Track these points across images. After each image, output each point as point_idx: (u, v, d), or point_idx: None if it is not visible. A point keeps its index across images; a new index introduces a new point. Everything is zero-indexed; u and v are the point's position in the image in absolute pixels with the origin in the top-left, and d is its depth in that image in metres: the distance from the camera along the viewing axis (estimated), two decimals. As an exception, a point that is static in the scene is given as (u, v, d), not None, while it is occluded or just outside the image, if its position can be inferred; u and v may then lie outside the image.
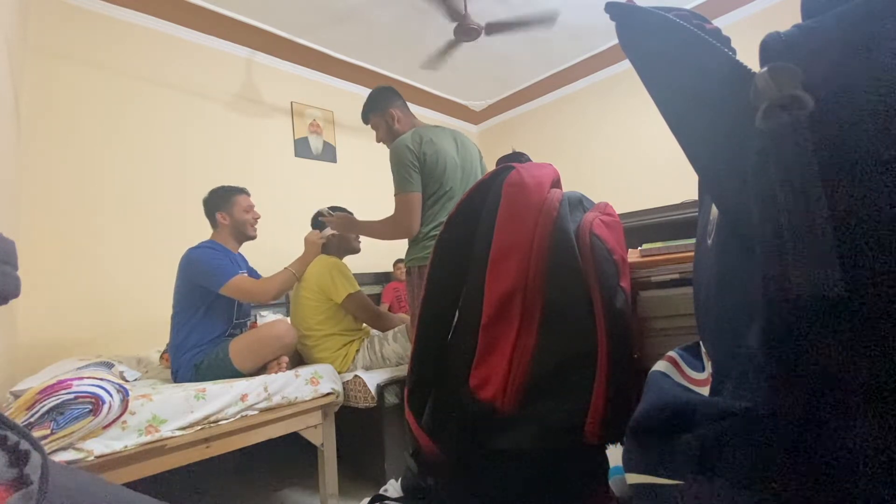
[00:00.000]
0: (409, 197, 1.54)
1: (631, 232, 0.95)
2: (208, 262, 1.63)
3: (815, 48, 0.27)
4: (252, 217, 1.79)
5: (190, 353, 1.57)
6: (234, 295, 1.63)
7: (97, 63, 2.57)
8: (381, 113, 1.72)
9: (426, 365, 0.78)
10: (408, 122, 1.72)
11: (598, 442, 0.65)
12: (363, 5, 2.95)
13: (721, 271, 0.40)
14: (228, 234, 1.76)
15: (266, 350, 1.60)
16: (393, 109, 1.70)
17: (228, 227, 1.75)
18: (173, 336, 1.63)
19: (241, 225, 1.76)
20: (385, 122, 1.71)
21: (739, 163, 0.31)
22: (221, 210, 1.74)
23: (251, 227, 1.79)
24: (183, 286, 1.64)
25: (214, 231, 1.77)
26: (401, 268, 3.66)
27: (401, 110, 1.72)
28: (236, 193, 1.78)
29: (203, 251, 1.66)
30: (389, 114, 1.70)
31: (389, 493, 0.87)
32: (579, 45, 3.70)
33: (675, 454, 0.36)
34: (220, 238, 1.75)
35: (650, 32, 0.39)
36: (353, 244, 1.97)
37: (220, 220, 1.74)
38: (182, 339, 1.59)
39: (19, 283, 0.42)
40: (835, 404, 0.26)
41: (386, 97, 1.72)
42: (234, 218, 1.75)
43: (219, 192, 1.77)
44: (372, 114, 1.74)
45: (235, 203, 1.76)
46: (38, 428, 0.95)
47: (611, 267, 0.72)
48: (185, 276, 1.63)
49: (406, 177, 1.53)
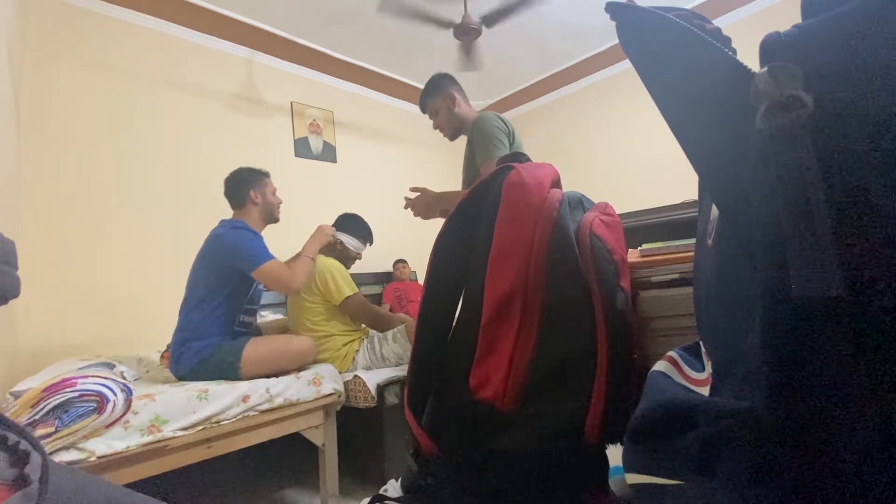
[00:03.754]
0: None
1: (631, 232, 0.95)
2: (246, 241, 1.57)
3: (815, 48, 0.27)
4: (278, 201, 1.76)
5: (199, 344, 1.50)
6: (265, 280, 1.57)
7: (97, 63, 2.57)
8: (441, 96, 1.67)
9: (426, 365, 0.79)
10: (468, 107, 1.68)
11: (597, 442, 0.65)
12: (363, 6, 2.95)
13: (721, 271, 0.40)
14: (258, 216, 1.69)
15: (285, 364, 1.57)
16: (454, 92, 1.66)
17: (260, 207, 1.69)
18: (183, 321, 1.55)
19: (271, 206, 1.72)
20: (446, 105, 1.66)
21: (739, 163, 0.31)
22: (255, 188, 1.68)
23: (278, 210, 1.75)
24: (207, 266, 1.57)
25: (240, 211, 1.69)
26: (401, 268, 3.66)
27: (460, 94, 1.68)
28: (265, 175, 1.74)
29: (239, 231, 1.59)
30: (450, 96, 1.65)
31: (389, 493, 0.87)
32: (579, 45, 3.69)
33: (675, 454, 0.36)
34: (248, 219, 1.67)
35: (650, 32, 0.39)
36: (353, 254, 1.98)
37: (252, 199, 1.67)
38: (194, 326, 1.52)
39: (19, 283, 0.42)
40: (835, 404, 0.26)
41: (445, 81, 1.69)
42: (265, 198, 1.70)
43: (251, 171, 1.72)
44: (430, 98, 1.69)
45: (266, 184, 1.72)
46: (43, 425, 0.95)
47: (611, 267, 0.72)
48: (214, 256, 1.56)
49: (499, 141, 1.46)
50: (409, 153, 4.29)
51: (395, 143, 4.22)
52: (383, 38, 3.34)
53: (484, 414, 0.67)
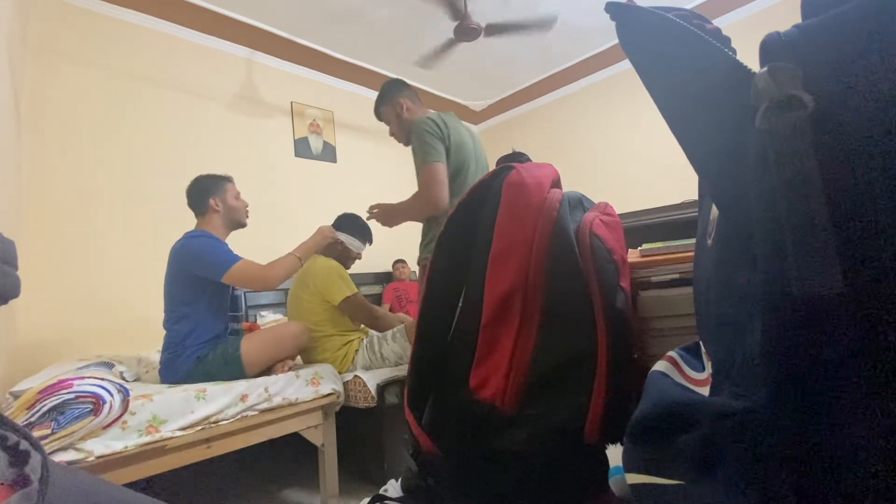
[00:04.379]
0: (434, 167, 1.47)
1: (631, 232, 0.95)
2: (209, 248, 1.54)
3: (815, 48, 0.27)
4: (243, 205, 1.70)
5: (194, 346, 1.49)
6: (238, 282, 1.54)
7: (97, 63, 2.57)
8: (390, 104, 1.70)
9: (426, 365, 0.78)
10: (417, 111, 1.70)
11: (597, 442, 0.65)
12: (363, 5, 2.95)
13: (721, 271, 0.40)
14: (220, 222, 1.65)
15: (281, 349, 1.58)
16: (401, 99, 1.68)
17: (221, 213, 1.64)
18: (171, 336, 1.52)
19: (234, 212, 1.67)
20: (395, 112, 1.69)
21: (739, 163, 0.31)
22: (215, 195, 1.63)
23: (244, 215, 1.70)
24: (177, 279, 1.54)
25: (202, 219, 1.65)
26: (400, 268, 3.66)
27: (410, 100, 1.70)
28: (226, 181, 1.69)
29: (199, 240, 1.56)
30: (398, 103, 1.68)
31: (389, 493, 0.87)
32: (579, 45, 3.69)
33: (674, 454, 0.36)
34: (210, 227, 1.63)
35: (650, 32, 0.39)
36: (353, 254, 1.97)
37: (212, 206, 1.62)
38: (182, 338, 1.50)
39: (19, 283, 0.42)
40: (835, 404, 0.26)
41: (394, 88, 1.71)
42: (227, 204, 1.65)
43: (208, 178, 1.67)
44: (382, 107, 1.73)
45: (226, 189, 1.67)
46: (39, 427, 0.95)
47: (611, 267, 0.72)
48: (180, 267, 1.53)
49: (430, 148, 1.48)
50: (409, 153, 4.29)
51: (395, 143, 4.17)
52: (383, 38, 3.34)
53: (484, 414, 0.66)
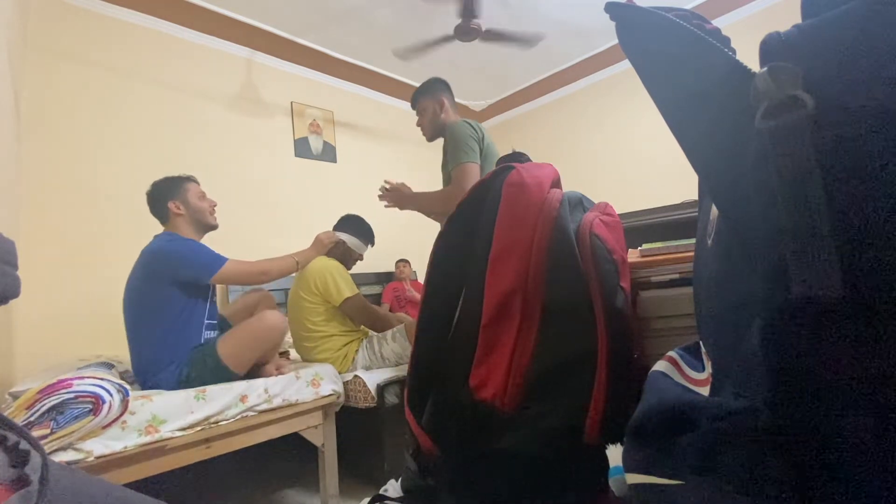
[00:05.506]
0: (469, 166, 1.54)
1: (631, 232, 0.95)
2: (192, 250, 1.45)
3: (815, 48, 0.27)
4: (209, 204, 1.60)
5: (168, 372, 1.37)
6: (231, 280, 1.49)
7: (97, 63, 2.57)
8: (431, 98, 1.76)
9: (426, 365, 0.78)
10: (454, 114, 1.77)
11: (597, 442, 0.65)
12: (363, 5, 2.95)
13: (721, 271, 0.40)
14: (186, 226, 1.54)
15: (261, 344, 1.49)
16: (444, 98, 1.76)
17: (185, 216, 1.54)
18: (138, 354, 1.40)
19: (198, 213, 1.55)
20: (433, 107, 1.76)
21: (739, 163, 0.31)
22: (173, 199, 1.52)
23: (210, 215, 1.59)
24: (149, 282, 1.41)
25: (168, 226, 1.54)
26: (401, 268, 3.66)
27: (449, 102, 1.78)
28: (186, 181, 1.58)
29: (178, 241, 1.47)
30: (440, 101, 1.75)
31: (389, 493, 0.87)
32: (579, 45, 3.69)
33: (675, 454, 0.36)
34: (178, 231, 1.53)
35: (650, 32, 0.39)
36: (355, 255, 1.98)
37: (172, 210, 1.52)
38: (155, 351, 1.38)
39: (19, 283, 0.42)
40: (835, 404, 0.26)
41: (440, 85, 1.79)
42: (189, 206, 1.54)
43: (165, 182, 1.56)
44: (423, 97, 1.79)
45: (187, 190, 1.56)
46: (38, 427, 0.95)
47: (611, 267, 0.72)
48: (158, 271, 1.41)
49: (468, 148, 1.55)
50: (410, 153, 4.29)
51: (395, 143, 4.22)
52: (383, 37, 3.34)
53: (484, 414, 0.66)
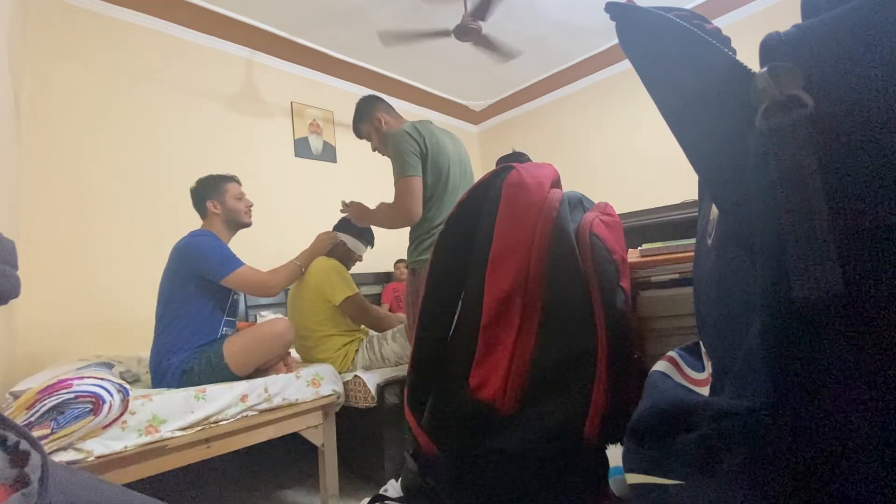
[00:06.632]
0: (409, 181, 1.50)
1: (631, 232, 0.95)
2: (212, 249, 1.54)
3: (815, 48, 0.27)
4: (245, 205, 1.69)
5: (178, 358, 1.44)
6: (238, 286, 1.54)
7: (97, 63, 2.57)
8: (367, 120, 1.70)
9: (426, 365, 0.78)
10: (396, 122, 1.69)
11: (597, 442, 0.65)
12: (363, 5, 2.95)
13: (721, 271, 0.40)
14: (221, 224, 1.65)
15: (266, 350, 1.52)
16: (378, 114, 1.69)
17: (220, 216, 1.64)
18: (159, 335, 1.49)
19: (233, 213, 1.66)
20: (374, 127, 1.69)
21: (739, 163, 0.31)
22: (212, 198, 1.64)
23: (245, 215, 1.69)
24: (176, 276, 1.52)
25: (205, 221, 1.66)
26: (401, 268, 3.66)
27: (387, 113, 1.71)
28: (227, 181, 1.68)
29: (203, 238, 1.56)
30: (376, 118, 1.68)
31: (389, 493, 0.87)
32: (579, 45, 3.69)
33: (675, 454, 0.36)
34: (212, 228, 1.64)
35: (650, 32, 0.39)
36: (355, 255, 1.98)
37: (210, 210, 1.63)
38: (171, 338, 1.46)
39: (19, 283, 0.42)
40: (834, 403, 0.26)
41: (369, 104, 1.72)
42: (225, 206, 1.65)
43: (208, 181, 1.67)
44: (360, 124, 1.73)
45: (226, 191, 1.66)
46: (38, 427, 0.95)
47: (611, 267, 0.72)
48: (182, 265, 1.52)
49: (406, 160, 1.50)
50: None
51: (395, 144, 4.21)
52: (383, 38, 3.34)
53: (484, 414, 0.66)
